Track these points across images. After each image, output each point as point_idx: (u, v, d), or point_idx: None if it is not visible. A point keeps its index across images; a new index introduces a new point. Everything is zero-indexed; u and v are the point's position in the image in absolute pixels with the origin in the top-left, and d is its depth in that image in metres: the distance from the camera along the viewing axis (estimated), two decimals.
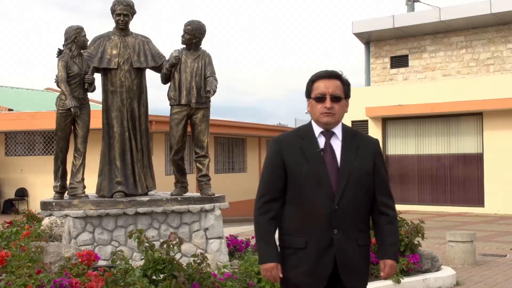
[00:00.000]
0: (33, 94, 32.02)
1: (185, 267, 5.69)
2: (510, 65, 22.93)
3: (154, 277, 5.48)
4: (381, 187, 3.76)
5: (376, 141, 3.86)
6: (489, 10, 22.07)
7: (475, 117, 21.57)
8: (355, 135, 3.79)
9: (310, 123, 3.83)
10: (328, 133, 3.73)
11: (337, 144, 3.71)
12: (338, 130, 3.75)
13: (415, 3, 26.75)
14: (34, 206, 18.85)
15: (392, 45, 25.21)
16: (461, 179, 21.73)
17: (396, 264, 3.79)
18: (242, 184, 28.57)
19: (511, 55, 22.95)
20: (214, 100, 8.14)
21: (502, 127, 20.83)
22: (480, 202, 21.12)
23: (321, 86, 3.72)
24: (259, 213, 3.73)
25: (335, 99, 3.71)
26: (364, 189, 3.68)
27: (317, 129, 3.76)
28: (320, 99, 3.71)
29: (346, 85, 3.80)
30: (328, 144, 3.70)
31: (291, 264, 3.67)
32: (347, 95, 3.81)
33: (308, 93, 3.80)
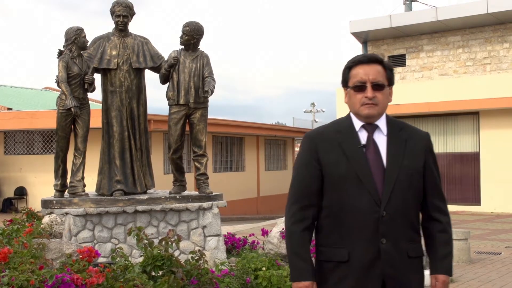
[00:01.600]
0: (32, 93, 32.11)
1: (184, 264, 5.82)
2: (507, 64, 23.05)
3: (153, 273, 5.60)
4: (433, 189, 3.25)
5: (427, 135, 3.33)
6: (486, 9, 22.18)
7: (471, 116, 21.70)
8: (402, 128, 3.28)
9: (348, 116, 3.29)
10: (370, 127, 3.21)
11: (381, 139, 3.20)
12: (382, 123, 3.24)
13: (413, 2, 26.87)
14: (33, 204, 18.95)
15: (390, 45, 25.34)
16: (457, 178, 21.87)
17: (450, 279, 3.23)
18: (240, 183, 28.70)
19: (508, 55, 23.08)
20: (212, 98, 8.29)
21: (499, 126, 20.96)
22: (476, 201, 21.26)
23: (360, 73, 3.20)
24: (292, 222, 3.19)
25: (377, 87, 3.20)
26: (415, 191, 3.17)
27: (357, 123, 3.23)
28: (360, 87, 3.19)
29: (389, 70, 3.29)
30: (371, 140, 3.18)
31: (332, 281, 3.15)
32: (390, 81, 3.29)
33: (345, 82, 3.29)
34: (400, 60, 25.11)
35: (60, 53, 8.17)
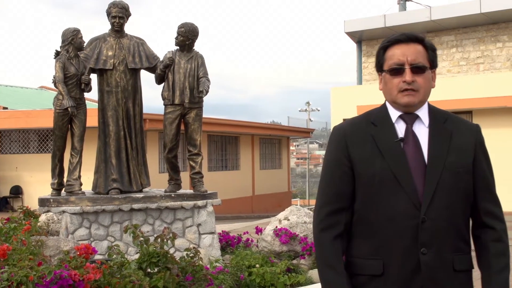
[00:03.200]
0: (27, 92, 32.14)
1: (179, 261, 5.94)
2: (500, 64, 23.22)
3: (149, 270, 5.71)
4: (485, 191, 2.75)
5: (478, 127, 2.85)
6: (479, 9, 22.32)
7: (465, 115, 21.81)
8: (448, 118, 2.78)
9: (384, 105, 2.82)
10: (409, 117, 2.74)
11: (422, 132, 2.72)
12: (423, 113, 2.75)
13: (407, 2, 27.02)
14: (29, 203, 18.98)
15: None
16: None
17: None
18: (235, 182, 28.78)
19: (501, 54, 23.24)
20: (208, 97, 8.43)
21: (492, 125, 21.09)
22: None
23: (397, 54, 2.71)
24: (321, 229, 2.75)
25: (417, 69, 2.69)
26: (462, 193, 2.68)
27: (394, 113, 2.76)
28: (397, 70, 2.70)
29: (431, 50, 2.77)
30: (410, 132, 2.71)
31: None
32: (433, 64, 2.77)
33: (380, 65, 2.81)
34: None
35: (57, 53, 8.29)
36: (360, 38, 25.99)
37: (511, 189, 20.30)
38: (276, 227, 8.45)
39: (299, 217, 8.61)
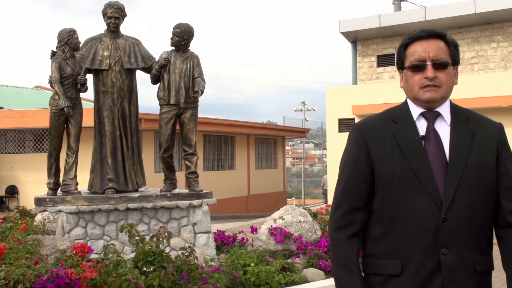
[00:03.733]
0: (23, 92, 32.15)
1: (174, 259, 5.99)
2: (494, 64, 23.32)
3: (144, 269, 5.76)
4: (508, 190, 2.68)
5: (501, 126, 2.79)
6: (474, 10, 22.44)
7: None
8: (470, 117, 2.73)
9: (405, 102, 2.79)
10: (431, 114, 2.70)
11: (444, 129, 2.68)
12: (445, 110, 2.71)
13: (402, 2, 27.12)
14: (24, 203, 19.03)
15: (379, 44, 25.57)
16: None
17: None
18: (231, 182, 28.84)
19: (495, 54, 23.35)
20: (203, 97, 8.50)
21: None
22: None
23: (418, 50, 2.69)
24: (336, 227, 2.73)
25: (439, 66, 2.66)
26: (484, 192, 2.64)
27: (415, 110, 2.72)
28: (418, 67, 2.67)
29: (453, 46, 2.74)
30: (431, 130, 2.67)
31: None
32: (455, 60, 2.73)
33: (401, 63, 2.78)
34: (389, 60, 25.32)
35: (53, 54, 8.34)
36: (355, 38, 26.08)
37: None
38: (271, 226, 8.51)
39: (294, 216, 8.67)
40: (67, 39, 8.28)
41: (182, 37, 8.54)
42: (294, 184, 64.21)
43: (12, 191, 23.52)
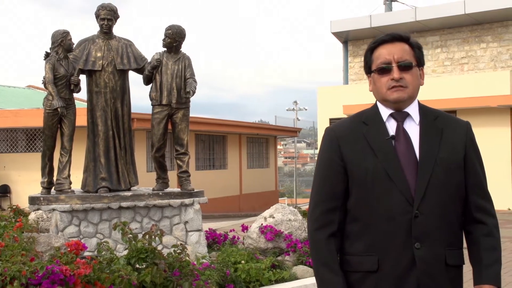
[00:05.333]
0: (14, 91, 32.12)
1: (166, 256, 6.11)
2: (484, 64, 23.52)
3: (137, 265, 5.88)
4: (476, 186, 2.80)
5: (468, 124, 2.89)
6: (463, 10, 22.63)
7: None
8: (438, 116, 2.85)
9: (375, 105, 2.89)
10: (400, 115, 2.80)
11: (413, 129, 2.79)
12: (413, 110, 2.82)
13: (393, 2, 27.30)
14: (17, 202, 19.07)
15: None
16: None
17: None
18: (223, 181, 28.94)
19: (485, 55, 23.55)
20: (195, 96, 8.64)
21: (475, 124, 21.12)
22: None
23: (384, 53, 2.79)
24: (316, 228, 2.81)
25: (404, 67, 2.76)
26: (453, 188, 2.74)
27: (384, 111, 2.82)
28: (384, 69, 2.77)
29: (417, 48, 2.85)
30: (401, 129, 2.78)
31: None
32: (420, 61, 2.84)
33: (368, 67, 2.88)
34: None
35: (47, 55, 8.45)
36: (346, 38, 26.24)
37: (496, 187, 20.63)
38: (262, 224, 8.65)
39: (284, 215, 8.81)
40: (61, 41, 8.40)
41: (174, 38, 8.67)
42: (287, 184, 64.34)
43: (5, 190, 23.54)
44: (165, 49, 8.78)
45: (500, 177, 20.68)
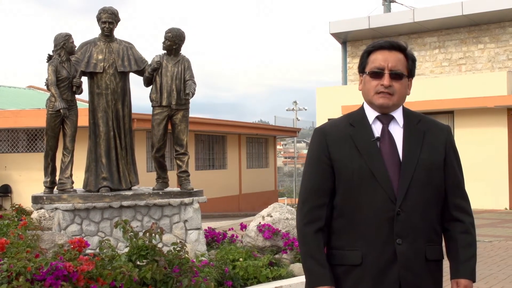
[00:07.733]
0: (15, 92, 32.22)
1: (166, 254, 6.26)
2: (481, 65, 23.66)
3: (138, 262, 6.03)
4: (454, 187, 3.00)
5: (448, 128, 3.07)
6: (461, 11, 22.76)
7: (446, 115, 22.19)
8: (421, 120, 3.02)
9: (362, 107, 3.06)
10: (385, 118, 2.98)
11: (397, 131, 2.96)
12: (398, 114, 3.00)
13: (391, 3, 27.44)
14: (18, 202, 19.22)
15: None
16: None
17: (473, 284, 2.95)
18: (222, 181, 29.04)
19: (482, 55, 23.69)
20: (195, 97, 8.78)
21: (473, 125, 21.49)
22: None
23: (379, 59, 2.95)
24: (304, 223, 2.97)
25: (395, 76, 2.93)
26: (434, 188, 2.92)
27: (371, 114, 3.00)
28: (377, 74, 2.94)
29: (411, 60, 3.02)
30: (386, 132, 2.95)
31: (345, 287, 2.93)
32: (411, 73, 3.01)
33: (362, 67, 3.03)
34: None
35: (50, 57, 8.61)
36: (345, 39, 26.38)
37: (493, 187, 20.76)
38: (260, 223, 8.81)
39: (281, 213, 8.98)
40: (63, 43, 8.55)
41: (174, 41, 8.82)
42: (286, 183, 64.37)
43: (6, 190, 23.67)
44: (165, 51, 8.94)
45: (497, 177, 20.81)
